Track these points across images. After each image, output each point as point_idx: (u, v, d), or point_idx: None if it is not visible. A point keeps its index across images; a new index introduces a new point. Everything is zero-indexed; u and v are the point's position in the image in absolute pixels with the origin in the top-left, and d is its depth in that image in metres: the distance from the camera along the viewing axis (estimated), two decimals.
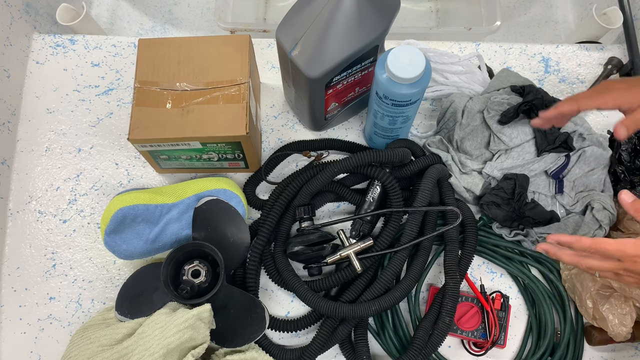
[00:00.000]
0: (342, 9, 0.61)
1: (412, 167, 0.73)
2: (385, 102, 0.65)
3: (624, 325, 0.66)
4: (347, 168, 0.69)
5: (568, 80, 0.86)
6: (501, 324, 0.70)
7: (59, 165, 0.81)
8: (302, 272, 0.74)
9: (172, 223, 0.70)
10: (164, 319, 0.62)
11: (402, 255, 0.69)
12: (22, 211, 0.78)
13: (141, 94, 0.69)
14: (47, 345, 0.72)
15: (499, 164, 0.73)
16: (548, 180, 0.73)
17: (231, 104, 0.68)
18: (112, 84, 0.85)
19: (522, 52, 0.88)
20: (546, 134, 0.72)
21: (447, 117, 0.77)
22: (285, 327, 0.70)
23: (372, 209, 0.73)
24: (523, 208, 0.71)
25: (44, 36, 0.89)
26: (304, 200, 0.72)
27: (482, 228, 0.75)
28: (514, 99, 0.74)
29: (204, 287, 0.65)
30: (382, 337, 0.71)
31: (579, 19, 1.17)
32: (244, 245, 0.70)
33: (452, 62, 0.80)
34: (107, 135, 0.82)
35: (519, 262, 0.74)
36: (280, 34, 0.65)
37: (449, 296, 0.67)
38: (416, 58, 0.61)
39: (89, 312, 0.73)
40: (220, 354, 0.66)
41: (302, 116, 0.80)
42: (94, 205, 0.79)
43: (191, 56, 0.71)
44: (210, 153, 0.72)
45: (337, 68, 0.64)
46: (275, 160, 0.79)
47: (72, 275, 0.75)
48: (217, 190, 0.72)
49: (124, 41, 0.88)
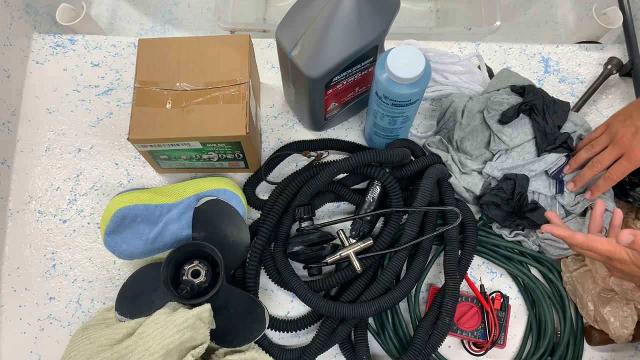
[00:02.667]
0: (342, 9, 0.61)
1: (412, 167, 0.73)
2: (385, 102, 0.65)
3: (625, 328, 0.66)
4: (347, 168, 0.69)
5: (568, 80, 0.86)
6: (501, 324, 0.70)
7: (59, 165, 0.81)
8: (302, 272, 0.74)
9: (172, 223, 0.70)
10: (164, 319, 0.62)
11: (402, 255, 0.69)
12: (22, 211, 0.78)
13: (141, 94, 0.69)
14: (47, 345, 0.72)
15: (499, 164, 0.73)
16: (548, 180, 0.73)
17: (231, 104, 0.68)
18: (112, 84, 0.85)
19: (522, 52, 0.88)
20: (546, 134, 0.72)
21: (447, 117, 0.77)
22: (285, 327, 0.70)
23: (372, 209, 0.73)
24: (523, 208, 0.71)
25: (44, 36, 0.89)
26: (303, 200, 0.72)
27: (482, 228, 0.75)
28: (514, 99, 0.74)
29: (204, 287, 0.65)
30: (382, 337, 0.71)
31: (579, 19, 1.17)
32: (243, 245, 0.70)
33: (452, 62, 0.80)
34: (107, 135, 0.82)
35: (518, 262, 0.74)
36: (280, 34, 0.65)
37: (449, 296, 0.67)
38: (416, 58, 0.61)
39: (89, 312, 0.73)
40: (220, 354, 0.66)
41: (302, 116, 0.80)
42: (94, 205, 0.79)
43: (191, 56, 0.71)
44: (210, 153, 0.72)
45: (337, 68, 0.64)
46: (275, 160, 0.79)
47: (72, 275, 0.75)
48: (217, 190, 0.72)
49: (124, 41, 0.88)
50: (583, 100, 0.83)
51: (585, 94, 0.83)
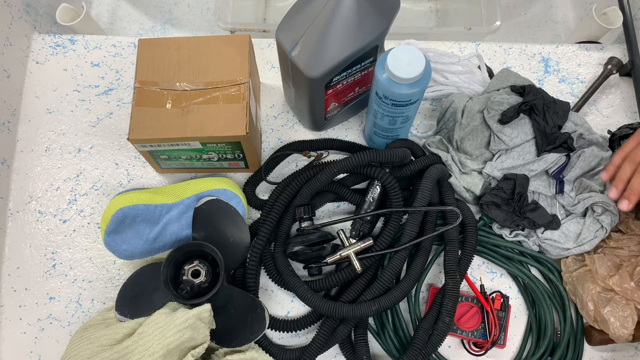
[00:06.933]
0: (342, 9, 0.61)
1: (412, 167, 0.73)
2: (385, 102, 0.65)
3: (625, 328, 0.66)
4: (347, 168, 0.69)
5: (568, 80, 0.86)
6: (501, 324, 0.70)
7: (59, 165, 0.81)
8: (302, 272, 0.74)
9: (172, 223, 0.70)
10: (164, 319, 0.62)
11: (402, 255, 0.69)
12: (22, 211, 0.78)
13: (141, 94, 0.69)
14: (47, 345, 0.72)
15: (499, 164, 0.73)
16: (548, 180, 0.73)
17: (231, 104, 0.68)
18: (112, 84, 0.85)
19: (522, 52, 0.88)
20: (546, 134, 0.72)
21: (447, 117, 0.77)
22: (285, 327, 0.70)
23: (372, 209, 0.73)
24: (523, 209, 0.71)
25: (44, 36, 0.89)
26: (304, 200, 0.72)
27: (482, 228, 0.75)
28: (513, 99, 0.74)
29: (204, 287, 0.65)
30: (382, 337, 0.71)
31: (579, 19, 1.17)
32: (244, 245, 0.70)
33: (452, 62, 0.80)
34: (107, 135, 0.82)
35: (519, 262, 0.74)
36: (280, 34, 0.65)
37: (449, 296, 0.67)
38: (416, 58, 0.61)
39: (89, 312, 0.73)
40: (220, 354, 0.66)
41: (302, 116, 0.80)
42: (94, 205, 0.79)
43: (191, 56, 0.71)
44: (210, 153, 0.72)
45: (337, 68, 0.64)
46: (275, 160, 0.79)
47: (72, 275, 0.75)
48: (217, 190, 0.72)
49: (124, 41, 0.88)
50: (583, 100, 0.83)
51: (585, 94, 0.83)
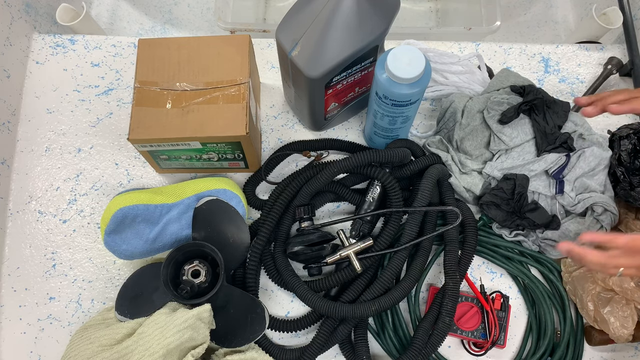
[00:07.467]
0: (342, 9, 0.61)
1: (412, 167, 0.73)
2: (385, 102, 0.65)
3: (625, 328, 0.66)
4: (347, 168, 0.69)
5: (568, 80, 0.86)
6: (501, 324, 0.70)
7: (59, 165, 0.81)
8: (302, 272, 0.74)
9: (172, 223, 0.70)
10: (164, 319, 0.62)
11: (402, 255, 0.69)
12: (22, 211, 0.78)
13: (141, 94, 0.69)
14: (47, 345, 0.72)
15: (499, 164, 0.73)
16: (548, 180, 0.73)
17: (231, 104, 0.68)
18: (112, 84, 0.85)
19: (522, 52, 0.88)
20: (546, 134, 0.72)
21: (447, 117, 0.77)
22: (285, 327, 0.70)
23: (372, 209, 0.73)
24: (523, 209, 0.71)
25: (44, 36, 0.88)
26: (303, 200, 0.72)
27: (482, 228, 0.75)
28: (513, 99, 0.74)
29: (204, 287, 0.65)
30: (382, 337, 0.71)
31: (579, 19, 1.17)
32: (243, 245, 0.70)
33: (452, 62, 0.80)
34: (107, 135, 0.82)
35: (519, 262, 0.74)
36: (280, 34, 0.65)
37: (449, 296, 0.67)
38: (416, 58, 0.61)
39: (89, 312, 0.73)
40: (220, 354, 0.66)
41: (302, 116, 0.80)
42: (94, 205, 0.79)
43: (191, 56, 0.71)
44: (210, 153, 0.72)
45: (337, 68, 0.64)
46: (275, 160, 0.79)
47: (72, 275, 0.75)
48: (217, 190, 0.72)
49: (124, 41, 0.88)
50: None
51: (585, 94, 0.83)
